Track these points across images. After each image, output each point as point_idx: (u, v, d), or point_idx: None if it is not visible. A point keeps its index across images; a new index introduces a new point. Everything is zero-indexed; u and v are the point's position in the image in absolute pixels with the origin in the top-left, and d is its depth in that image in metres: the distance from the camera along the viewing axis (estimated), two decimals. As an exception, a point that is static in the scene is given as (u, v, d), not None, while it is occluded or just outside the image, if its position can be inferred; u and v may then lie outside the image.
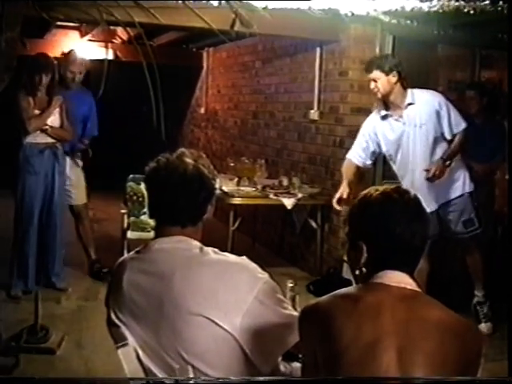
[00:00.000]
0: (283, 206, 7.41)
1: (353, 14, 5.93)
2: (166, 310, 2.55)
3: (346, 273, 7.01)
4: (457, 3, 5.25)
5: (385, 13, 6.01)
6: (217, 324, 2.51)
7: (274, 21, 5.30)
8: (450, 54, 8.49)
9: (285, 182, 7.81)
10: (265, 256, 8.22)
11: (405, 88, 6.03)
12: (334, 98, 7.67)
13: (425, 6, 5.41)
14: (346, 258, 2.59)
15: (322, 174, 7.94)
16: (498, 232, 8.22)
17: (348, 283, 6.75)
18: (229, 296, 2.53)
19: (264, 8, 5.51)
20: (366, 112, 7.27)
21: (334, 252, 7.61)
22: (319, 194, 7.69)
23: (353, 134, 7.20)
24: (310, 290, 7.01)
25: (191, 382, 2.31)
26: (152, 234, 2.81)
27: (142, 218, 7.35)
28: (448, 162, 6.08)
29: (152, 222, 2.83)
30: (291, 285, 3.15)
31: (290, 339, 2.57)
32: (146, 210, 6.93)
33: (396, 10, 5.54)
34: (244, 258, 2.67)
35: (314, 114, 8.03)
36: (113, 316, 2.69)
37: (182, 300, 2.54)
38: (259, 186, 7.76)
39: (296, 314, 2.61)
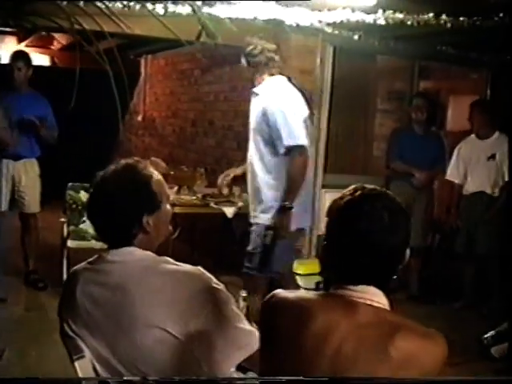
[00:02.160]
0: (223, 215, 7.39)
1: (298, 26, 5.94)
2: (121, 322, 2.54)
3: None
4: (401, 16, 5.31)
5: (328, 24, 6.05)
6: (172, 335, 2.50)
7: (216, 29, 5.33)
8: (390, 65, 8.61)
9: (225, 191, 7.79)
10: (204, 265, 8.15)
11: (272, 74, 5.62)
12: (275, 107, 7.67)
13: (370, 19, 5.46)
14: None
15: (262, 183, 7.92)
16: (435, 240, 8.35)
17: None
18: (184, 306, 2.52)
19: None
20: (307, 121, 7.35)
21: (275, 261, 7.60)
22: (259, 203, 7.68)
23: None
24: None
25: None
26: (93, 242, 2.79)
27: (82, 226, 7.26)
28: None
29: (91, 231, 2.81)
30: (244, 295, 3.14)
31: (242, 352, 2.57)
32: (85, 218, 6.85)
33: (341, 21, 5.57)
34: (199, 267, 2.66)
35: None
36: (66, 328, 2.65)
37: (138, 312, 2.52)
38: (199, 195, 7.73)
39: (249, 328, 2.61)
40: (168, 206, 2.77)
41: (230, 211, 7.35)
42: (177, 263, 2.67)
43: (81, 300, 2.62)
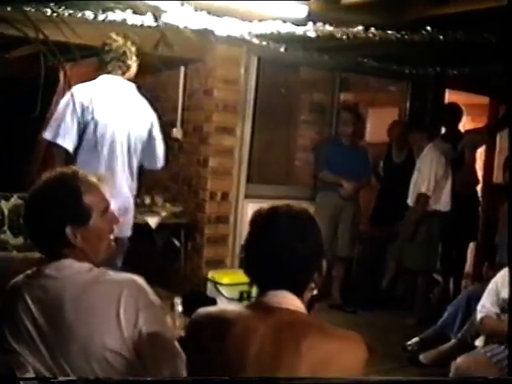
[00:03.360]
0: (146, 225, 7.33)
1: (227, 36, 5.96)
2: (59, 338, 2.49)
3: (210, 292, 7.04)
4: (331, 28, 5.38)
5: (256, 35, 6.09)
6: (110, 348, 2.47)
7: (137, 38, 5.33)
8: (312, 77, 8.70)
9: (147, 201, 7.74)
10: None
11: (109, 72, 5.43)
12: (199, 117, 7.68)
13: (300, 31, 5.51)
14: None
15: (185, 192, 7.92)
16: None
17: (212, 302, 6.76)
18: (122, 316, 2.49)
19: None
20: (230, 131, 7.38)
21: (198, 271, 7.61)
22: (182, 212, 7.68)
23: (217, 153, 7.31)
24: (174, 309, 6.96)
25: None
26: (14, 253, 2.72)
27: (2, 236, 7.10)
28: None
29: (13, 241, 2.75)
30: (179, 300, 3.14)
31: (179, 361, 2.56)
32: (6, 228, 6.73)
33: (271, 33, 5.61)
34: (133, 276, 2.62)
35: (177, 132, 8.00)
36: (5, 343, 2.58)
37: (75, 327, 2.48)
38: (122, 205, 7.65)
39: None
40: (103, 221, 2.68)
41: (153, 221, 7.30)
42: (112, 273, 2.62)
43: (19, 316, 2.56)
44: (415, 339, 6.23)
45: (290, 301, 2.32)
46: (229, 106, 7.39)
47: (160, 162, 5.62)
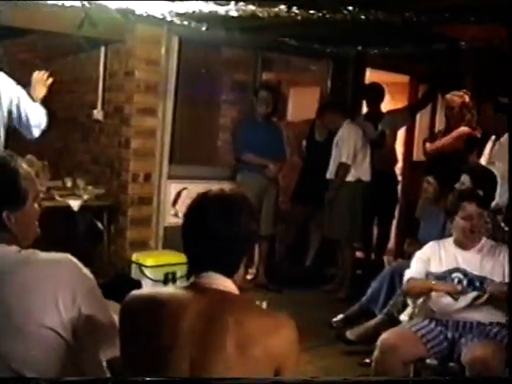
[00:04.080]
0: (68, 208, 7.24)
1: (148, 15, 5.89)
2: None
3: (135, 274, 6.99)
4: (253, 7, 5.37)
5: (178, 14, 6.04)
6: (48, 327, 2.43)
7: (55, 17, 5.23)
8: (234, 57, 8.68)
9: (69, 184, 7.63)
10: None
11: None
12: (119, 98, 7.58)
13: (222, 10, 5.49)
14: None
15: (107, 174, 7.83)
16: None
17: (138, 284, 6.72)
18: (60, 294, 2.46)
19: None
20: (152, 112, 7.32)
21: (122, 253, 7.54)
22: (105, 195, 7.60)
23: (139, 134, 7.25)
24: (99, 292, 6.92)
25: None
26: None
27: None
28: None
29: None
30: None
31: (116, 343, 2.54)
32: None
33: (193, 12, 5.57)
34: (67, 255, 2.60)
35: (97, 114, 7.89)
36: None
37: (11, 306, 2.43)
38: (43, 188, 7.53)
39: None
40: (35, 205, 2.66)
41: (75, 204, 7.21)
42: (44, 253, 2.57)
43: None
44: (341, 316, 6.30)
45: (222, 282, 2.39)
46: (150, 86, 7.32)
47: (36, 130, 5.84)
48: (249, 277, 7.76)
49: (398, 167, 9.39)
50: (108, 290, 6.90)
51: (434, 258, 4.82)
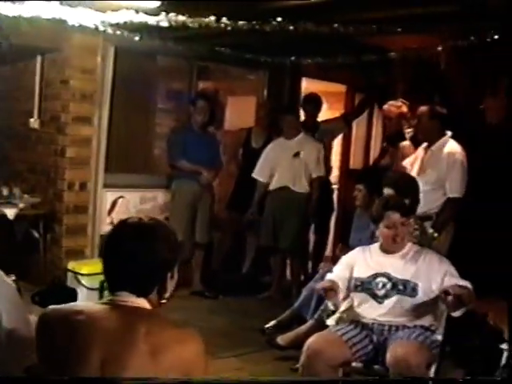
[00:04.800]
0: (4, 217, 7.22)
1: (80, 25, 5.92)
2: None
3: (71, 282, 6.98)
4: (183, 18, 5.44)
5: (111, 25, 6.08)
6: None
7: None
8: (169, 65, 8.73)
9: (5, 192, 7.60)
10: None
11: None
12: (56, 106, 7.60)
13: (153, 21, 5.54)
14: None
15: (43, 183, 7.82)
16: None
17: (73, 292, 6.69)
18: None
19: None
20: (87, 121, 7.35)
21: (58, 262, 7.54)
22: (41, 203, 7.60)
23: (75, 143, 7.27)
24: (34, 300, 6.88)
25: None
26: None
27: None
28: None
29: None
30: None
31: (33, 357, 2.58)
32: None
33: (125, 22, 5.62)
34: None
35: (34, 122, 7.89)
36: None
37: None
38: (-23, 196, 7.50)
39: None
40: None
41: (11, 213, 7.19)
42: None
43: None
44: (273, 322, 6.35)
45: (134, 300, 2.52)
46: (86, 95, 7.35)
47: None
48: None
49: (334, 176, 9.51)
50: (44, 299, 6.91)
51: (358, 263, 4.92)
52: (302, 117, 8.60)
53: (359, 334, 4.71)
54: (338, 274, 4.94)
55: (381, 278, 4.75)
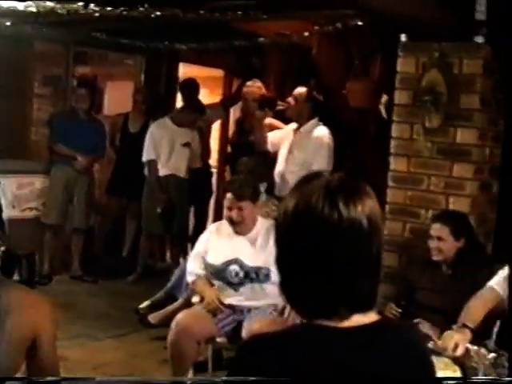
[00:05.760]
0: None
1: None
2: None
3: None
4: (51, 4, 5.45)
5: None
6: None
7: None
8: (45, 51, 8.66)
9: None
10: None
11: None
12: None
13: (21, 6, 5.53)
14: None
15: None
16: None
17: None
18: None
19: None
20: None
21: None
22: None
23: None
24: None
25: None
26: None
27: None
28: None
29: None
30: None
31: None
32: None
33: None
34: None
35: None
36: None
37: None
38: None
39: None
40: None
41: None
42: None
43: None
44: (147, 302, 6.45)
45: None
46: None
47: None
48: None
49: (213, 160, 9.62)
50: None
51: (212, 246, 5.07)
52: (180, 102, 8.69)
53: (223, 310, 4.88)
54: (200, 265, 5.10)
55: (234, 266, 4.90)
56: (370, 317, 1.68)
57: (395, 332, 1.76)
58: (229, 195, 4.87)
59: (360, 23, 6.19)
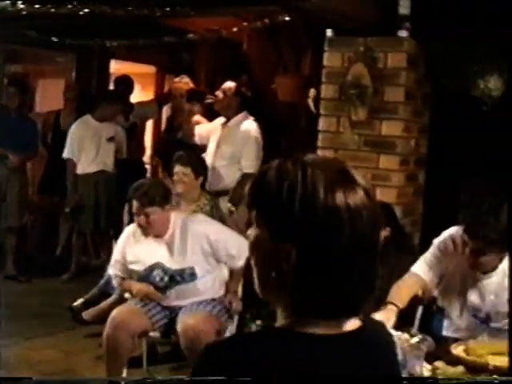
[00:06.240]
0: None
1: None
2: None
3: None
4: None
5: None
6: None
7: None
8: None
9: None
10: None
11: None
12: None
13: None
14: None
15: None
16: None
17: None
18: None
19: None
20: None
21: None
22: None
23: None
24: None
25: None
26: None
27: None
28: None
29: None
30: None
31: None
32: None
33: None
34: None
35: None
36: None
37: None
38: None
39: None
40: None
41: None
42: None
43: None
44: (81, 300, 6.44)
45: None
46: None
47: None
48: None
49: (147, 156, 9.65)
50: None
51: (129, 251, 5.02)
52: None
53: (156, 306, 4.91)
54: (122, 271, 5.10)
55: (157, 271, 4.86)
56: (352, 323, 1.62)
57: (371, 340, 1.68)
58: (134, 202, 4.76)
59: (288, 19, 6.29)
